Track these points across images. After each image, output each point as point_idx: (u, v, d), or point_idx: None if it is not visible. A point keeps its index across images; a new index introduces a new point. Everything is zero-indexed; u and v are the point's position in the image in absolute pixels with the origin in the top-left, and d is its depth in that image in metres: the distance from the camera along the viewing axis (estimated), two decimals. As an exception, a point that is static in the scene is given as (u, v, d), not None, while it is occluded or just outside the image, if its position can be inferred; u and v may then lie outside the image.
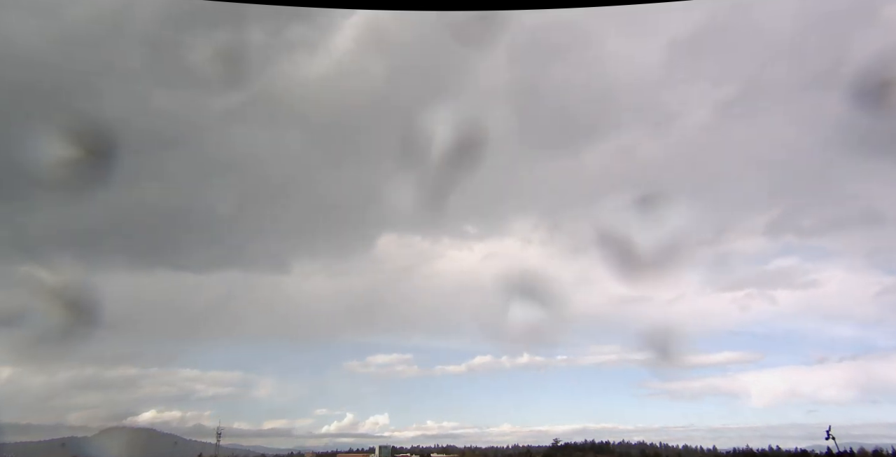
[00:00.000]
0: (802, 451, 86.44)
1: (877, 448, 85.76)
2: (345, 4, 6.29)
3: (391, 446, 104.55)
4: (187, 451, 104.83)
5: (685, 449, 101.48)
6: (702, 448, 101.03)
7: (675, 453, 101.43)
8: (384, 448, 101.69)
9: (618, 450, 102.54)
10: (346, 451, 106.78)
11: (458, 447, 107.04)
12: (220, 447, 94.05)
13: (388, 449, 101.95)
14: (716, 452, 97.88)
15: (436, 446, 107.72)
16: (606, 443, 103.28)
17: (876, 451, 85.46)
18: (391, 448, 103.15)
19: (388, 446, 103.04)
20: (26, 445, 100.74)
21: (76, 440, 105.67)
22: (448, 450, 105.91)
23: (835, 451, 75.65)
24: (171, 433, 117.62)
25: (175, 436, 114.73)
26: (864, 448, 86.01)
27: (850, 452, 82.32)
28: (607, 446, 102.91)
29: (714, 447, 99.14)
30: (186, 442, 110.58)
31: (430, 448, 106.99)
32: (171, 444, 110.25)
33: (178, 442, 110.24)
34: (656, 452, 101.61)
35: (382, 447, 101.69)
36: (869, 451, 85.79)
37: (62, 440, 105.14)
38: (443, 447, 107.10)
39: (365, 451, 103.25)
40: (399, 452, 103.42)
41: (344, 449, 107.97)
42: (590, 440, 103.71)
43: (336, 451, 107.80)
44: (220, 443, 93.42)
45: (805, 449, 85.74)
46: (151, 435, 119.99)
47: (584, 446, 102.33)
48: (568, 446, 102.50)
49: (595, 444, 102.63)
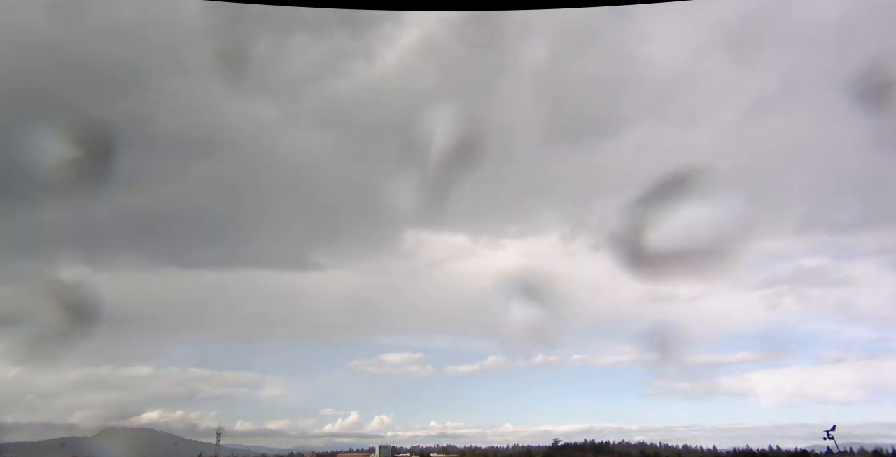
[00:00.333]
0: (803, 451, 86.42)
1: (877, 448, 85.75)
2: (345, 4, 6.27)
3: (391, 446, 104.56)
4: (187, 451, 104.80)
5: (685, 449, 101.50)
6: (702, 448, 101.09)
7: (674, 452, 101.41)
8: (384, 448, 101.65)
9: (618, 450, 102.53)
10: (346, 451, 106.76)
11: (458, 447, 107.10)
12: (220, 447, 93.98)
13: (387, 449, 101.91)
14: (716, 451, 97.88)
15: (436, 446, 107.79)
16: (606, 443, 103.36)
17: (876, 451, 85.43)
18: (391, 448, 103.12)
19: (387, 446, 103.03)
20: (26, 445, 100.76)
21: (76, 440, 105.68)
22: (448, 450, 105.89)
23: (835, 451, 75.65)
24: (172, 433, 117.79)
25: (175, 436, 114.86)
26: (864, 448, 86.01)
27: (850, 452, 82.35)
28: (607, 446, 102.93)
29: (714, 447, 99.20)
30: (186, 442, 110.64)
31: (430, 448, 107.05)
32: (172, 444, 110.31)
33: (178, 442, 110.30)
34: (656, 452, 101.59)
35: (382, 447, 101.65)
36: (869, 451, 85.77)
37: (62, 440, 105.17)
38: (443, 447, 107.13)
39: (365, 451, 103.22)
40: (399, 452, 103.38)
41: (344, 449, 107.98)
42: (590, 440, 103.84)
43: (336, 451, 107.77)
44: (221, 443, 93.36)
45: (805, 449, 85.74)
46: (151, 435, 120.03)
47: (584, 445, 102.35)
48: (568, 446, 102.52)
49: (595, 444, 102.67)
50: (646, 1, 6.34)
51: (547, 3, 6.20)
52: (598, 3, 6.28)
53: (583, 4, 6.24)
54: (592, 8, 6.28)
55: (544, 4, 6.22)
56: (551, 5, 6.20)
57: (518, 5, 6.38)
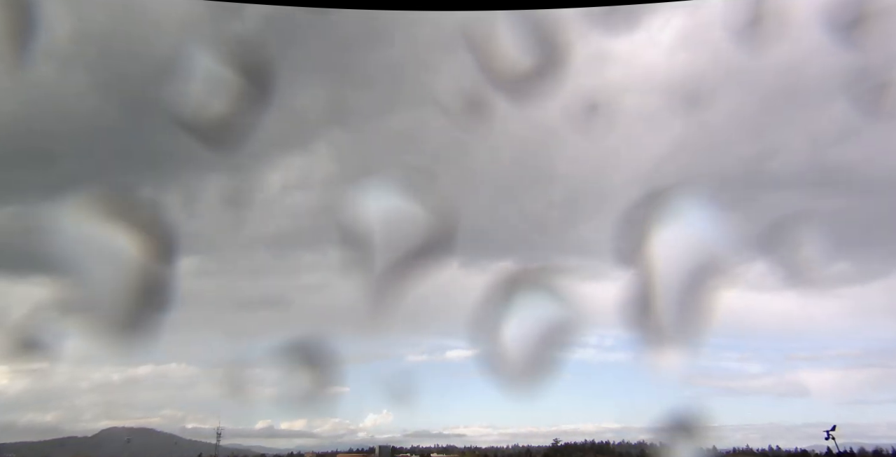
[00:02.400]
0: (802, 451, 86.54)
1: (877, 448, 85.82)
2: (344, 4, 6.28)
3: (391, 446, 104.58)
4: (187, 451, 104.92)
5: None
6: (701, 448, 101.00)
7: (674, 452, 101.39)
8: (384, 448, 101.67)
9: (618, 450, 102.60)
10: (346, 451, 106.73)
11: (458, 447, 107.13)
12: (220, 447, 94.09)
13: (388, 449, 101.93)
14: (715, 451, 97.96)
15: (436, 446, 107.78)
16: (606, 443, 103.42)
17: (876, 451, 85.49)
18: (391, 448, 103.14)
19: (387, 446, 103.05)
20: (26, 444, 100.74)
21: (76, 440, 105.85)
22: (448, 450, 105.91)
23: (835, 451, 75.67)
24: (172, 433, 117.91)
25: (175, 436, 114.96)
26: (864, 448, 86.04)
27: (850, 452, 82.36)
28: (607, 445, 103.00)
29: (714, 447, 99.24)
30: (186, 442, 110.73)
31: (430, 448, 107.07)
32: (172, 444, 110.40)
33: (178, 442, 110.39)
34: (656, 451, 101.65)
35: (382, 447, 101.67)
36: (869, 451, 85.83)
37: (62, 440, 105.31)
38: (443, 447, 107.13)
39: (365, 451, 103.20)
40: (399, 452, 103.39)
41: (344, 449, 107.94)
42: (590, 441, 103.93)
43: (336, 451, 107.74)
44: (221, 443, 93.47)
45: (805, 449, 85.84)
46: (151, 435, 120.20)
47: (584, 445, 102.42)
48: (568, 445, 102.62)
49: (595, 444, 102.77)
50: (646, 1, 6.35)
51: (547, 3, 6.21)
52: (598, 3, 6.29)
53: (583, 4, 6.25)
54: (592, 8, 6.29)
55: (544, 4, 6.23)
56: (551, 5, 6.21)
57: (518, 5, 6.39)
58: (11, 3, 10.09)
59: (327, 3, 6.42)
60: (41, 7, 10.55)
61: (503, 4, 6.24)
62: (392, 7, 6.66)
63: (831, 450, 75.63)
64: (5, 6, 10.10)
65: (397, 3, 6.65)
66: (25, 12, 10.02)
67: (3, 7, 10.10)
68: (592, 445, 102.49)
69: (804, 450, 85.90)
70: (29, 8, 10.13)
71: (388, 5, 6.61)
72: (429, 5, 6.62)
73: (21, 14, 10.00)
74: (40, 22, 10.43)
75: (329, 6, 6.46)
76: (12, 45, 10.31)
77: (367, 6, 6.45)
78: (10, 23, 9.89)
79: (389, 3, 6.62)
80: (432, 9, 6.72)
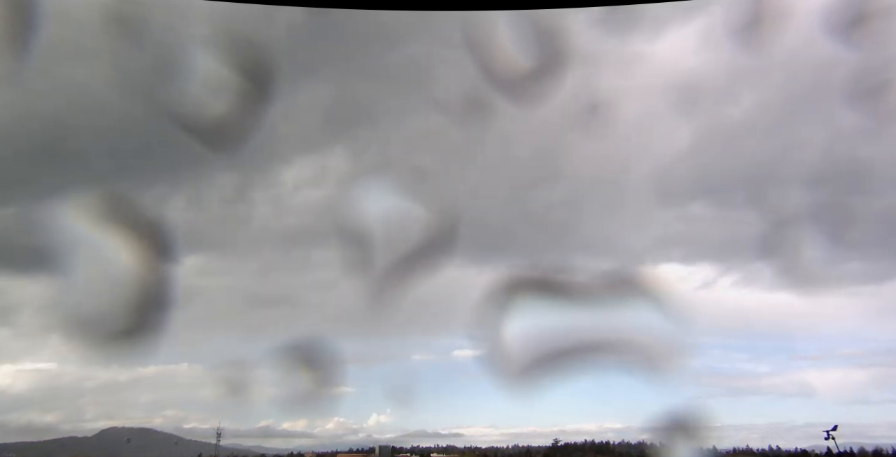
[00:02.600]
0: (802, 451, 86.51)
1: (877, 448, 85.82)
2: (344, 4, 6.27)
3: (391, 446, 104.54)
4: (187, 451, 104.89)
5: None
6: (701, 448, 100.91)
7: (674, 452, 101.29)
8: (384, 448, 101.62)
9: (618, 450, 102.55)
10: (346, 451, 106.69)
11: (458, 447, 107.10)
12: (220, 447, 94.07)
13: (388, 449, 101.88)
14: (715, 450, 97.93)
15: (436, 446, 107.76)
16: (606, 443, 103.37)
17: (876, 451, 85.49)
18: (391, 448, 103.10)
19: (388, 446, 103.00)
20: (26, 444, 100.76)
21: (76, 440, 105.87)
22: (448, 450, 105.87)
23: (835, 451, 75.66)
24: (172, 433, 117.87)
25: (175, 436, 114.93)
26: (864, 448, 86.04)
27: (850, 451, 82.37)
28: (607, 445, 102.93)
29: (714, 447, 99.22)
30: (186, 442, 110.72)
31: (430, 448, 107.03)
32: (172, 444, 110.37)
33: (178, 442, 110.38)
34: (656, 451, 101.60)
35: (382, 447, 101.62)
36: (869, 451, 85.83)
37: (62, 440, 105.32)
38: (443, 447, 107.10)
39: (365, 451, 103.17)
40: (399, 452, 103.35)
41: (344, 449, 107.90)
42: (590, 440, 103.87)
43: (336, 451, 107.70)
44: (220, 443, 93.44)
45: (805, 449, 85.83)
46: (151, 435, 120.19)
47: (584, 445, 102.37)
48: (568, 445, 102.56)
49: (595, 444, 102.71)
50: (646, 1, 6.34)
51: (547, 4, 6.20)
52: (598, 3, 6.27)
53: (583, 4, 6.23)
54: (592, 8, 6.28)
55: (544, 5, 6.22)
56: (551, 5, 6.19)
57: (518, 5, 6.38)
58: (10, 4, 10.08)
59: (327, 3, 6.41)
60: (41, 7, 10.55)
61: (506, 4, 6.23)
62: (393, 7, 6.64)
63: (831, 450, 75.65)
64: (4, 6, 10.09)
65: (398, 3, 6.64)
66: (24, 12, 10.01)
67: (2, 7, 10.09)
68: (592, 445, 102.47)
69: (804, 450, 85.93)
70: (28, 7, 10.12)
71: (388, 5, 6.60)
72: (430, 5, 6.61)
73: (20, 14, 9.99)
74: (40, 22, 10.42)
75: (329, 6, 6.44)
76: (11, 45, 10.29)
77: (368, 6, 6.43)
78: (6, 22, 9.87)
79: (390, 3, 6.61)
80: (432, 9, 6.71)
